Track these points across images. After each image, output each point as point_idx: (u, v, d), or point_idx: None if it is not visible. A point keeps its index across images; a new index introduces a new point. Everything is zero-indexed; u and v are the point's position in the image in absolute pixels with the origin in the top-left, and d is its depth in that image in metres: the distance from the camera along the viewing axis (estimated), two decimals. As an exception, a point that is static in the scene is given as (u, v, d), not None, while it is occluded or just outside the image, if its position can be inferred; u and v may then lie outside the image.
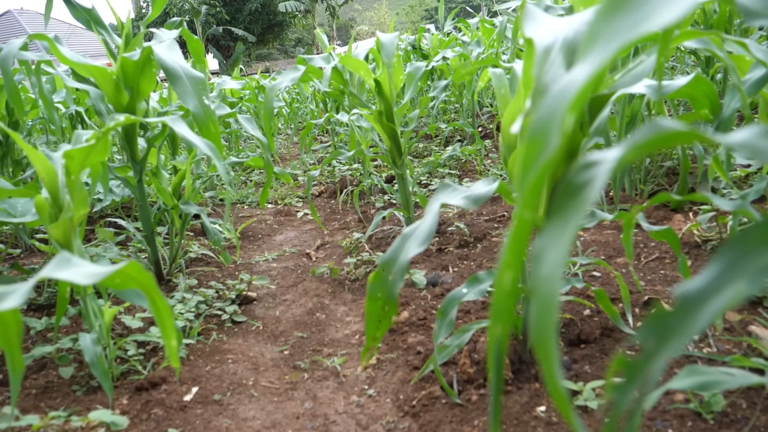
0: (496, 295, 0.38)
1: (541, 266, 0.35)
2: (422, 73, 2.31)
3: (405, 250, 0.95)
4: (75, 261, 0.68)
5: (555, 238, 0.35)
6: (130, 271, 0.74)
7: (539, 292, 0.35)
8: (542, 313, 0.34)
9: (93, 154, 1.26)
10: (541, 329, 0.33)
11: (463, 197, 1.03)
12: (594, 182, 0.36)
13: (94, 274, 0.67)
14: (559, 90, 0.38)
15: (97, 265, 0.69)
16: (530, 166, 0.37)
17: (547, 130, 0.37)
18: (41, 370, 1.57)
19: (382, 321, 0.98)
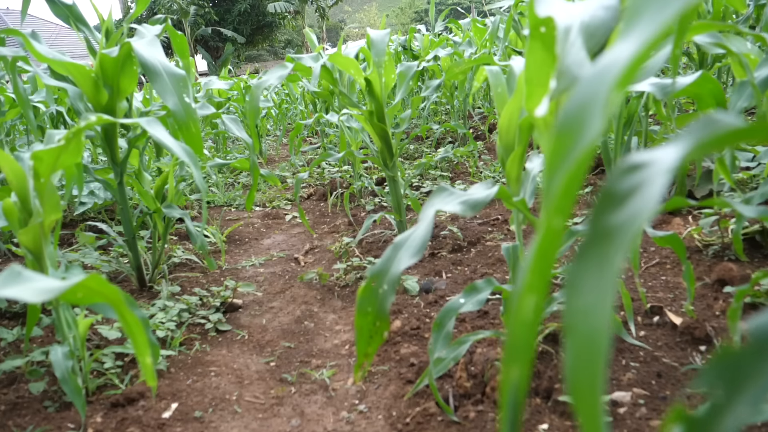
0: (514, 326, 0.31)
1: (578, 295, 0.28)
2: (414, 73, 2.24)
3: (397, 261, 0.87)
4: (26, 275, 0.60)
5: (596, 259, 0.28)
6: (92, 284, 0.66)
7: (577, 330, 0.27)
8: (583, 358, 0.27)
9: (64, 156, 1.18)
10: (582, 380, 0.26)
11: (459, 203, 0.96)
12: (646, 188, 0.29)
13: (47, 290, 0.59)
14: (602, 66, 0.31)
15: (51, 280, 0.61)
16: (562, 159, 0.30)
17: (585, 113, 0.30)
18: (12, 384, 1.48)
19: (374, 336, 0.91)
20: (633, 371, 1.26)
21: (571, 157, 0.30)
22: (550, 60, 0.97)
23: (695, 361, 1.26)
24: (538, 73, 0.98)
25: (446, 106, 6.02)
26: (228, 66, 8.17)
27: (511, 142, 1.33)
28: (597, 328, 0.27)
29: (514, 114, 1.29)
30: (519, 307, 0.31)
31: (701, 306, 1.49)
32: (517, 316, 0.31)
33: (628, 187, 0.30)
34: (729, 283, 1.54)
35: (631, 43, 0.32)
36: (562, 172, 0.30)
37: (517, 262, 1.28)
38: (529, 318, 0.30)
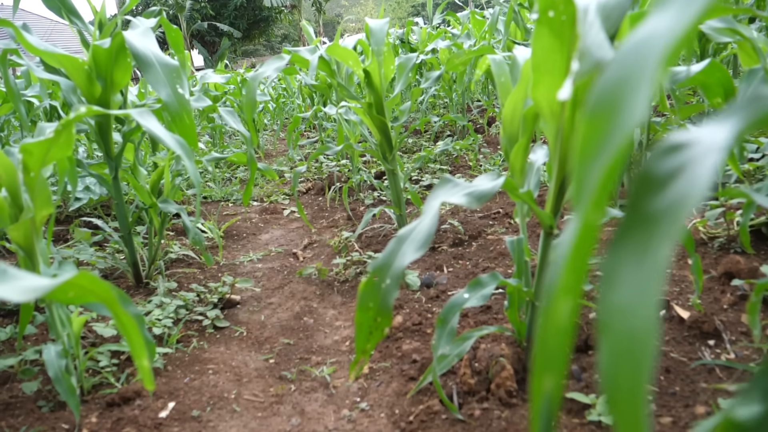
0: (547, 332, 0.27)
1: (615, 290, 0.25)
2: (413, 64, 2.20)
3: (400, 255, 0.84)
4: (11, 272, 0.57)
5: (635, 249, 0.25)
6: (84, 282, 0.63)
7: (614, 330, 0.24)
8: (623, 363, 0.23)
9: (55, 149, 1.14)
10: (622, 389, 0.23)
11: (464, 194, 0.92)
12: (692, 169, 0.25)
13: (33, 288, 0.55)
14: (640, 41, 0.28)
15: (38, 278, 0.58)
16: (598, 146, 0.27)
17: (625, 93, 0.27)
18: (5, 383, 1.45)
19: (374, 332, 0.88)
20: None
21: (610, 144, 0.26)
22: (558, 46, 0.93)
23: (704, 356, 1.23)
24: (546, 59, 0.95)
25: (444, 99, 5.98)
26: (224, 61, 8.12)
27: (515, 132, 1.30)
28: (639, 327, 0.24)
29: (518, 104, 1.25)
30: (552, 311, 0.27)
31: (708, 300, 1.46)
32: (551, 321, 0.27)
33: (670, 168, 0.27)
34: (736, 276, 1.52)
35: (671, 15, 0.29)
36: (600, 160, 0.26)
37: (521, 255, 1.25)
38: (564, 323, 0.27)
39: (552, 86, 0.98)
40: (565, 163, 1.09)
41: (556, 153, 1.08)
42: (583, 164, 0.28)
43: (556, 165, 1.09)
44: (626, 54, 0.30)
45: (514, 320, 1.26)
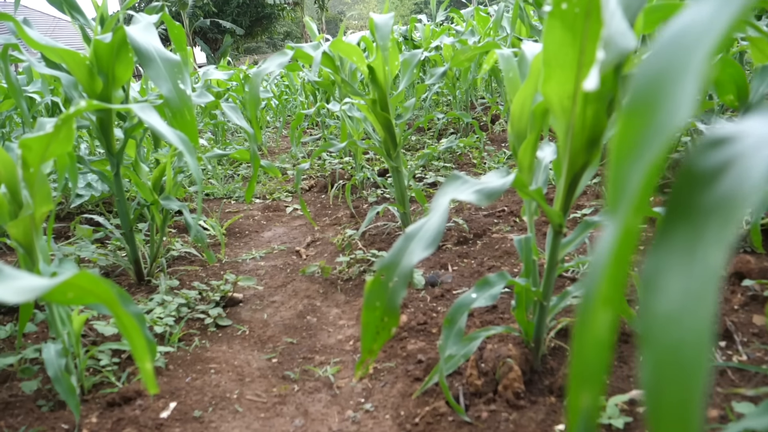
0: (585, 346, 0.25)
1: (660, 299, 0.23)
2: (418, 61, 2.18)
3: (408, 253, 0.82)
4: (7, 272, 0.55)
5: (683, 253, 0.23)
6: (83, 282, 0.61)
7: (660, 343, 0.22)
8: (670, 381, 0.21)
9: (54, 144, 1.12)
10: (668, 410, 0.21)
11: (474, 191, 0.90)
12: (743, 162, 0.23)
13: (30, 289, 0.53)
14: (682, 29, 0.25)
15: (36, 277, 0.56)
16: (637, 145, 0.24)
17: (667, 87, 0.24)
18: (5, 381, 1.43)
19: (381, 332, 0.86)
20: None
21: (651, 143, 0.24)
22: (570, 39, 0.91)
23: (716, 358, 1.21)
24: (557, 53, 0.93)
25: (448, 97, 5.95)
26: (227, 58, 8.09)
27: (524, 129, 1.27)
28: (688, 340, 0.22)
29: (526, 100, 1.23)
30: (591, 323, 0.25)
31: (718, 300, 1.44)
32: (589, 333, 0.25)
33: (718, 163, 0.25)
34: (747, 276, 1.49)
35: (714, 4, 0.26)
36: (641, 161, 0.24)
37: (529, 254, 1.23)
38: (604, 336, 0.25)
39: (563, 81, 0.96)
40: (575, 160, 1.07)
41: (566, 150, 1.06)
42: (620, 165, 0.26)
43: (566, 162, 1.07)
44: (666, 45, 0.27)
45: (522, 320, 1.24)
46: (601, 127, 1.00)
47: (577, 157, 1.06)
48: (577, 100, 0.98)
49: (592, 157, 1.06)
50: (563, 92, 0.98)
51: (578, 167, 1.08)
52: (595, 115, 0.99)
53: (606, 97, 0.95)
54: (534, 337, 1.24)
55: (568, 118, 1.02)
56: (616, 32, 0.53)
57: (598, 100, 0.96)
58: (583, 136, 1.03)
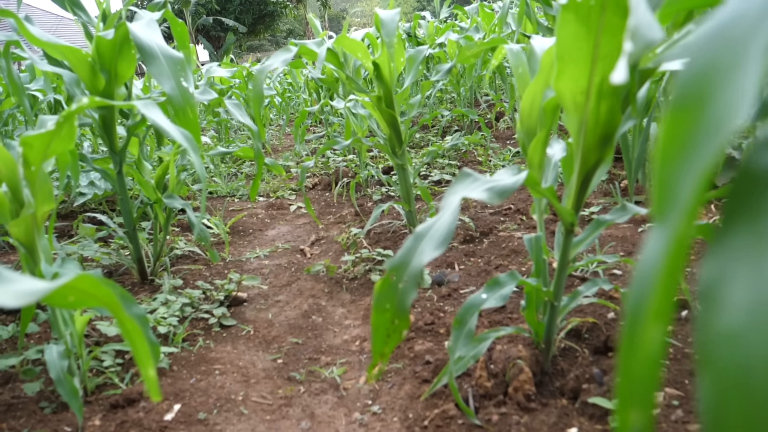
0: (634, 362, 0.23)
1: (723, 312, 0.20)
2: (423, 57, 2.15)
3: (419, 253, 0.79)
4: (5, 275, 0.53)
5: (750, 260, 0.20)
6: (84, 285, 0.59)
7: (724, 362, 0.20)
8: (734, 403, 0.19)
9: (56, 142, 1.10)
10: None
11: (485, 189, 0.87)
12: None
13: (28, 292, 0.51)
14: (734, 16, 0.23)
15: (34, 280, 0.54)
16: (686, 146, 0.22)
17: (721, 80, 0.22)
18: (7, 383, 1.41)
19: (392, 335, 0.83)
20: (664, 370, 1.18)
21: (704, 143, 0.22)
22: (585, 33, 0.88)
23: None
24: (571, 48, 0.90)
25: (451, 94, 5.92)
26: (230, 55, 8.07)
27: (533, 125, 1.25)
28: (758, 361, 0.19)
29: (536, 96, 1.20)
30: (641, 338, 0.23)
31: None
32: (639, 349, 0.23)
33: (782, 161, 0.22)
34: None
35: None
36: (693, 163, 0.21)
37: (540, 254, 1.20)
38: (655, 352, 0.22)
39: (577, 76, 0.93)
40: (588, 157, 1.04)
41: (579, 147, 1.04)
42: (667, 167, 0.23)
43: (578, 160, 1.05)
44: (714, 36, 0.25)
45: (532, 321, 1.22)
46: (615, 123, 0.98)
47: (589, 154, 1.03)
48: (591, 95, 0.95)
49: (605, 155, 1.03)
50: (576, 87, 0.96)
51: (591, 164, 1.05)
52: (609, 111, 0.96)
53: (621, 92, 0.93)
54: (544, 338, 1.22)
55: (581, 115, 1.00)
56: (643, 23, 0.51)
57: (613, 96, 0.94)
58: (596, 132, 1.01)
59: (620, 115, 0.97)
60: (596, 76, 0.92)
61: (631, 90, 0.90)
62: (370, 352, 1.46)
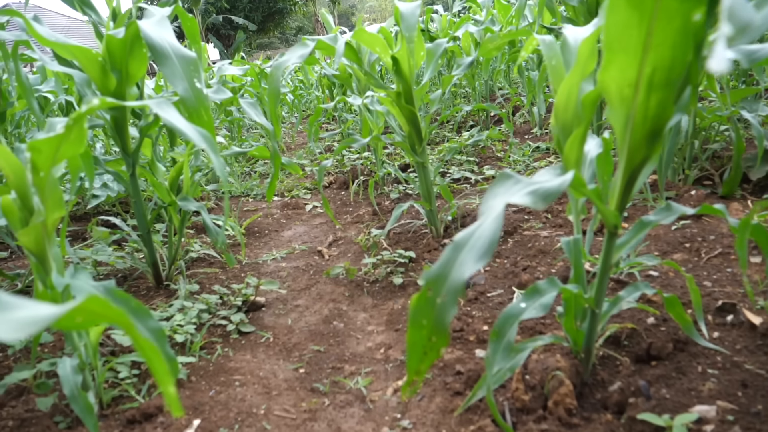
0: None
1: None
2: (443, 51, 2.08)
3: (458, 265, 0.72)
4: (5, 301, 0.47)
5: None
6: (94, 306, 0.52)
7: None
8: None
9: (65, 146, 1.04)
10: None
11: (527, 192, 0.80)
12: None
13: (32, 321, 0.45)
14: None
15: (38, 305, 0.47)
16: None
17: None
18: (21, 395, 1.36)
19: (428, 353, 0.76)
20: (713, 380, 1.10)
21: None
22: (636, 20, 0.80)
23: (787, 368, 1.10)
24: (620, 36, 0.82)
25: (466, 88, 5.82)
26: (240, 53, 8.03)
27: (570, 121, 1.17)
28: None
29: (573, 89, 1.13)
30: None
31: (780, 302, 1.33)
32: None
33: None
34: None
35: None
36: None
37: (579, 258, 1.13)
38: None
39: (625, 67, 0.86)
40: (634, 154, 0.96)
41: (625, 143, 0.96)
42: None
43: (623, 157, 0.97)
44: None
45: (570, 329, 1.14)
46: (666, 117, 0.90)
47: (636, 151, 0.96)
48: (640, 88, 0.88)
49: (653, 151, 0.96)
50: (624, 79, 0.88)
51: (637, 162, 0.97)
52: (659, 105, 0.89)
53: (675, 82, 0.85)
54: (584, 347, 1.15)
55: (627, 109, 0.92)
56: (737, 3, 0.44)
57: (666, 87, 0.86)
58: (644, 127, 0.93)
59: (672, 109, 0.89)
60: (647, 66, 0.85)
61: (693, 79, 0.82)
62: (396, 361, 1.39)
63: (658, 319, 1.33)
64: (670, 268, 1.58)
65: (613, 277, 1.57)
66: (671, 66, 0.84)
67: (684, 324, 1.22)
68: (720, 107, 2.08)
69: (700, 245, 1.68)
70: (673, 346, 1.22)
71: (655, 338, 1.25)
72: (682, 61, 0.83)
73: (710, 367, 1.15)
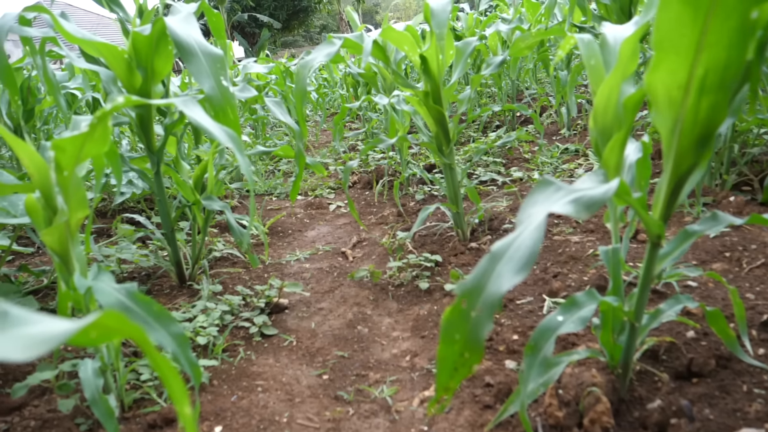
0: None
1: None
2: (472, 49, 2.02)
3: (495, 277, 0.68)
4: (14, 315, 0.43)
5: None
6: (110, 322, 0.49)
7: None
8: None
9: (89, 145, 1.02)
10: None
11: (569, 201, 0.75)
12: None
13: (43, 339, 0.41)
14: None
15: (51, 321, 0.44)
16: None
17: None
18: (43, 394, 1.36)
19: (459, 369, 0.72)
20: (759, 401, 1.04)
21: None
22: (691, 17, 0.75)
23: None
24: (672, 34, 0.77)
25: (491, 88, 5.74)
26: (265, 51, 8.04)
27: (609, 124, 1.11)
28: None
29: (613, 91, 1.07)
30: None
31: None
32: None
33: None
34: None
35: None
36: None
37: (618, 269, 1.07)
38: None
39: (676, 68, 0.80)
40: (681, 161, 0.91)
41: (671, 149, 0.91)
42: None
43: (670, 164, 0.91)
44: None
45: (607, 343, 1.09)
46: (718, 122, 0.85)
47: (683, 157, 0.90)
48: (691, 90, 0.82)
49: (702, 158, 0.90)
50: (673, 81, 0.83)
51: (684, 169, 0.92)
52: (711, 108, 0.83)
53: (730, 85, 0.79)
54: (621, 362, 1.09)
55: (676, 112, 0.87)
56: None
57: (719, 90, 0.80)
58: (693, 132, 0.88)
59: (725, 113, 0.83)
60: (699, 67, 0.79)
61: (753, 82, 0.76)
62: (423, 370, 1.35)
63: (698, 333, 1.27)
64: (709, 278, 1.51)
65: (659, 289, 1.50)
66: (726, 67, 0.78)
67: (727, 339, 1.15)
68: (761, 109, 2.00)
69: (741, 255, 1.61)
70: (715, 363, 1.16)
71: (696, 353, 1.19)
72: (737, 62, 0.77)
73: (756, 387, 1.09)
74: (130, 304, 0.98)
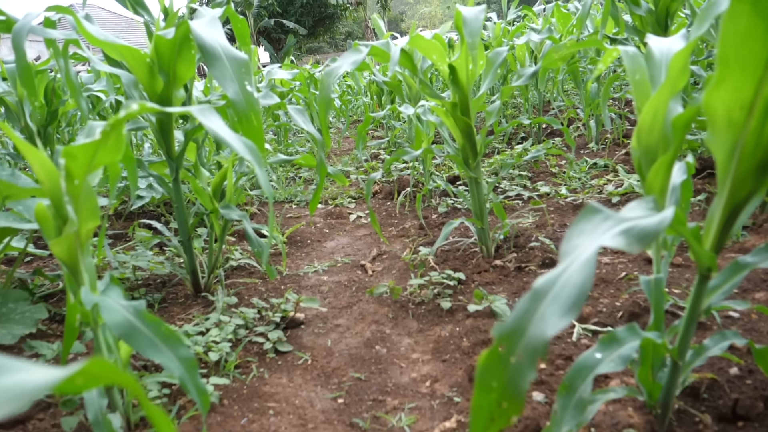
0: None
1: None
2: (502, 60, 1.95)
3: (539, 318, 0.60)
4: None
5: None
6: (97, 370, 0.43)
7: None
8: None
9: (101, 153, 0.97)
10: None
11: (619, 232, 0.68)
12: None
13: (25, 391, 0.36)
14: None
15: (36, 370, 0.38)
16: None
17: None
18: (49, 407, 1.31)
19: (496, 420, 0.64)
20: (816, 451, 0.95)
21: None
22: (762, 30, 0.68)
23: None
24: (740, 48, 0.69)
25: (517, 99, 5.65)
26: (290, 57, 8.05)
27: (655, 144, 1.04)
28: None
29: (660, 108, 0.99)
30: None
31: None
32: None
33: None
34: None
35: None
36: None
37: (660, 301, 0.99)
38: None
39: (740, 86, 0.73)
40: (739, 188, 0.83)
41: (728, 175, 0.83)
42: None
43: (726, 190, 0.83)
44: None
45: (646, 381, 1.01)
46: (784, 145, 0.77)
47: (741, 184, 0.82)
48: (755, 111, 0.74)
49: (762, 185, 0.82)
50: (735, 101, 0.75)
51: (741, 197, 0.84)
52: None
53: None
54: (660, 402, 1.01)
55: (736, 134, 0.79)
56: None
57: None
58: (754, 157, 0.80)
59: (794, 135, 0.75)
60: (767, 86, 0.72)
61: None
62: (443, 397, 1.28)
63: (743, 370, 1.18)
64: (751, 308, 1.42)
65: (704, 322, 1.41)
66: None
67: (776, 378, 1.06)
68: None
69: (786, 283, 1.51)
70: (763, 405, 1.07)
71: (741, 394, 1.10)
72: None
73: (810, 434, 0.99)
74: (137, 323, 0.92)
